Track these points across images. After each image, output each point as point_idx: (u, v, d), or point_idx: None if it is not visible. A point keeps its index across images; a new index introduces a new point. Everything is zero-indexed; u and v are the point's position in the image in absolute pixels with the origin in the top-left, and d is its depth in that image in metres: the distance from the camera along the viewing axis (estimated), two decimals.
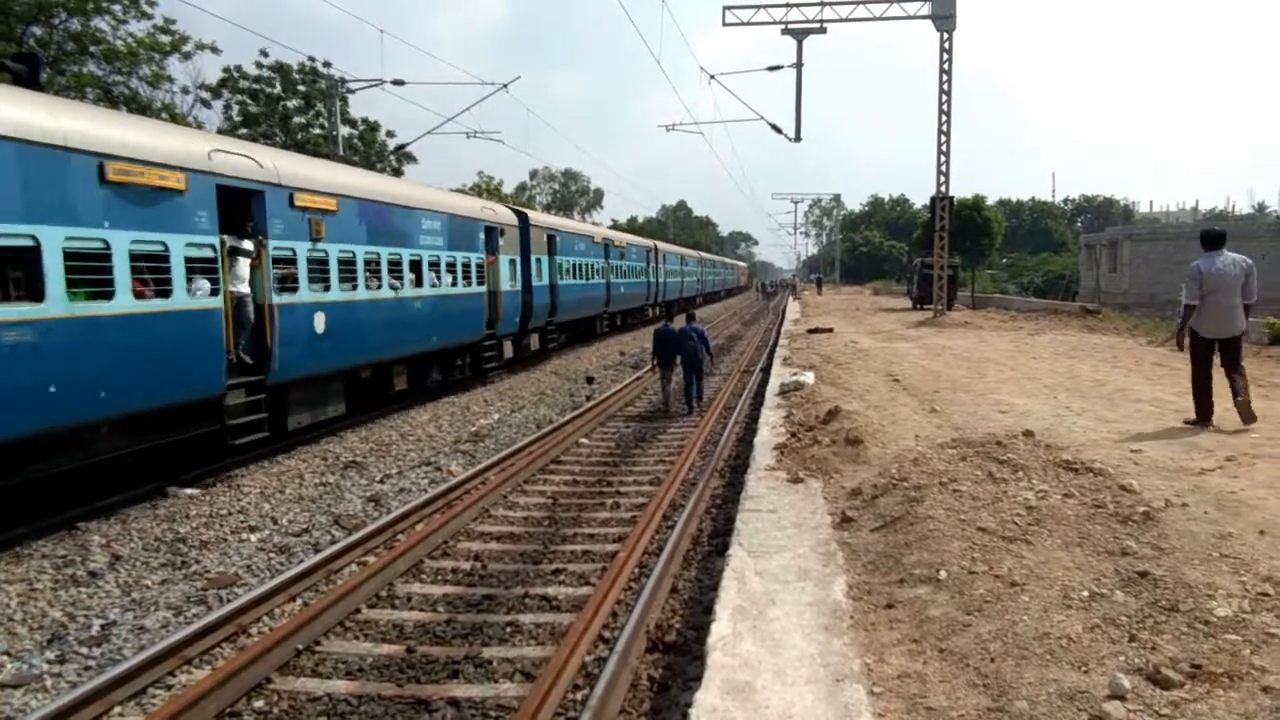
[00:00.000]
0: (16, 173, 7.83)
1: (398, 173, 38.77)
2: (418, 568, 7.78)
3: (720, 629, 4.65)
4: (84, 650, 6.15)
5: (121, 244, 8.98)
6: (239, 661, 5.55)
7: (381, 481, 10.96)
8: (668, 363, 16.20)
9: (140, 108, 28.37)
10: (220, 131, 32.14)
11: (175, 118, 30.27)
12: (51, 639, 6.34)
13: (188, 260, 9.97)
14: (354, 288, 13.74)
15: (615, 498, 10.02)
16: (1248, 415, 8.99)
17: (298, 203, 12.20)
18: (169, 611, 6.82)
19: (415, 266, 16.10)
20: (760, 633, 4.59)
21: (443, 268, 17.28)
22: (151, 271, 9.52)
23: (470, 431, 14.18)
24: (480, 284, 19.18)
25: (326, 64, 37.04)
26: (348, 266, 13.56)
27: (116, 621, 6.62)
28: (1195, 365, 9.33)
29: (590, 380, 20.66)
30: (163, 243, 9.58)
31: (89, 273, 8.63)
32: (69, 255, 8.32)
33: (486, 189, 59.15)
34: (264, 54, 37.28)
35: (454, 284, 17.79)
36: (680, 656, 5.87)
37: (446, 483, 10.43)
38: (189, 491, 10.29)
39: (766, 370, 19.01)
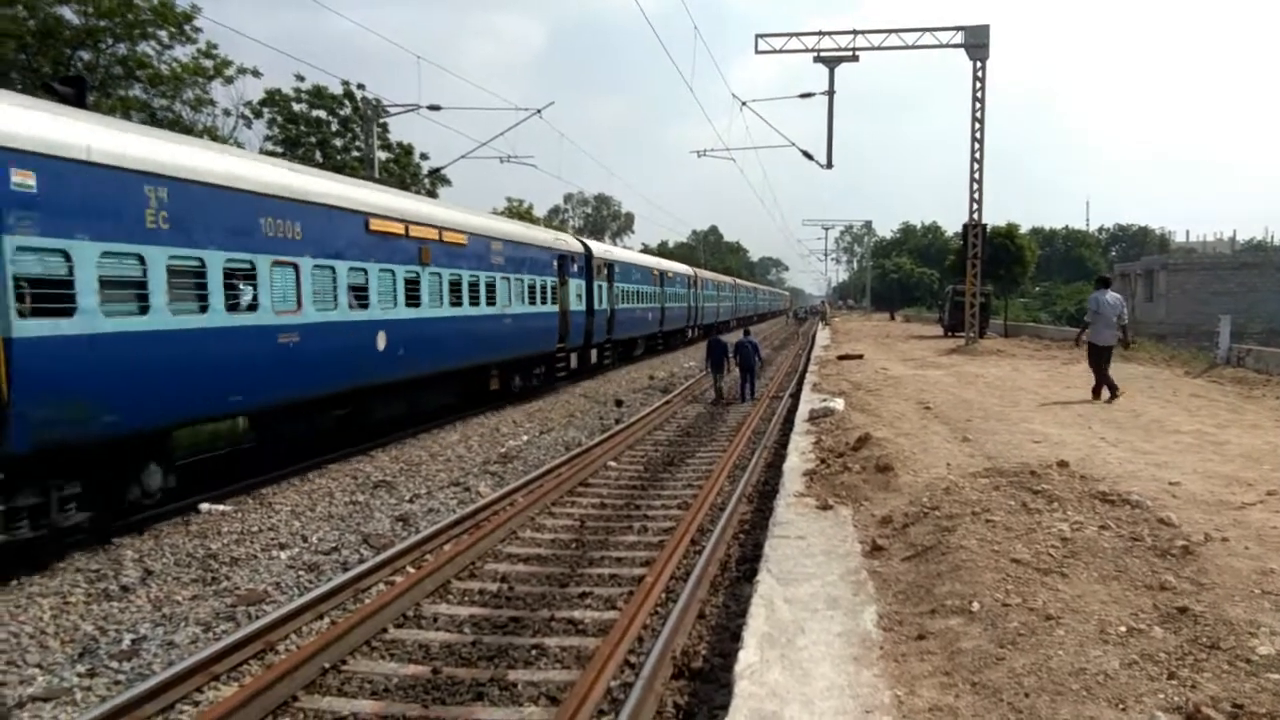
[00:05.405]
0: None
1: (432, 195, 39.18)
2: (445, 588, 7.79)
3: (748, 657, 4.59)
4: (114, 664, 6.21)
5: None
6: (266, 679, 5.58)
7: (410, 501, 11.01)
8: (718, 365, 21.44)
9: (184, 130, 28.99)
10: (262, 152, 32.71)
11: (216, 139, 30.87)
12: (83, 652, 6.41)
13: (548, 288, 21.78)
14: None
15: (643, 521, 9.98)
16: (1097, 395, 14.06)
17: None
18: (198, 627, 6.87)
19: None
20: (789, 661, 4.53)
21: None
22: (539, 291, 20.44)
23: (499, 453, 14.22)
24: None
25: (360, 86, 37.66)
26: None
27: (147, 636, 6.68)
28: (1091, 362, 14.43)
29: (619, 403, 20.71)
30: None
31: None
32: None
33: (516, 213, 59.61)
34: (300, 78, 37.95)
35: None
36: (707, 684, 5.81)
37: (475, 503, 10.45)
38: (221, 508, 10.40)
39: (796, 396, 18.90)
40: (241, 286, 10.78)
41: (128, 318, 8.87)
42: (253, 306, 10.89)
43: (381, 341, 13.85)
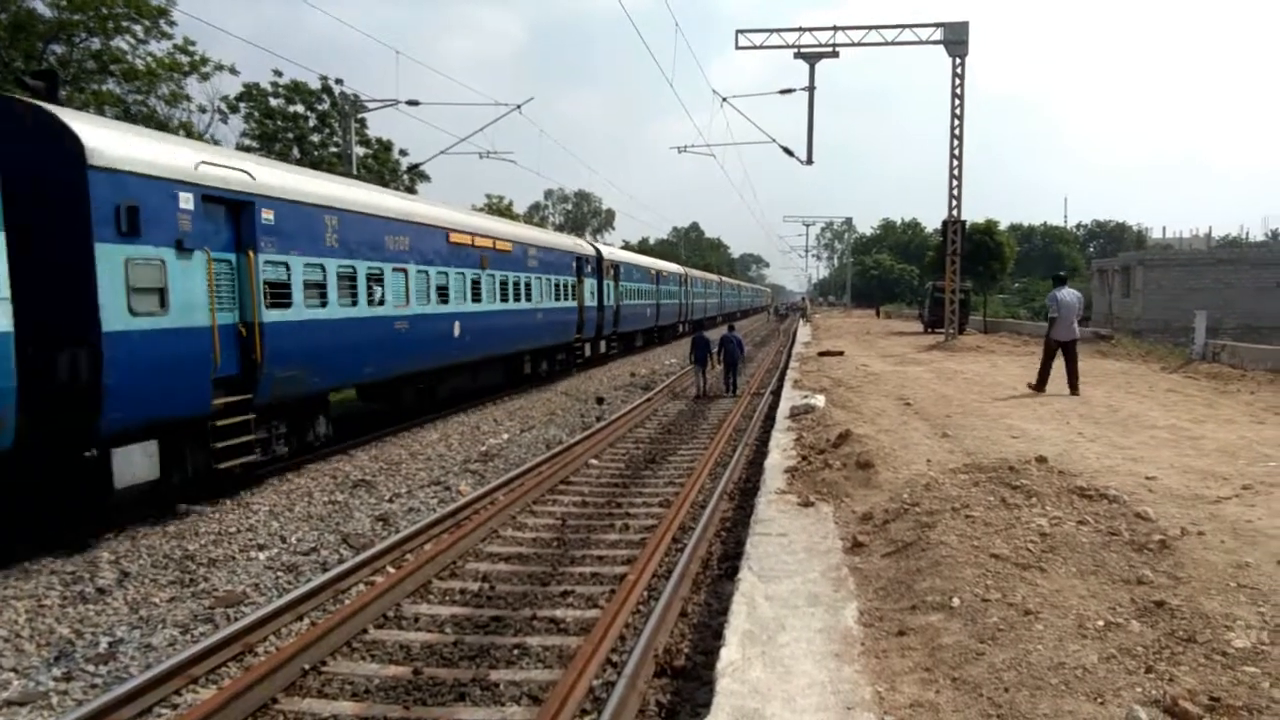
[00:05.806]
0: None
1: (411, 190, 38.91)
2: (426, 588, 7.74)
3: (730, 654, 4.60)
4: (91, 668, 6.14)
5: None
6: (245, 681, 5.53)
7: (390, 500, 10.94)
8: (702, 360, 21.54)
9: (158, 125, 28.65)
10: (237, 147, 32.38)
11: (191, 134, 30.54)
12: (59, 656, 6.33)
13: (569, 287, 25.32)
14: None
15: (624, 519, 9.97)
16: (1075, 390, 14.10)
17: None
18: (176, 629, 6.80)
19: None
20: (770, 659, 4.53)
21: None
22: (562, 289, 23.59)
23: (480, 451, 14.17)
24: None
25: (338, 81, 37.37)
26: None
27: (124, 639, 6.60)
28: (1045, 355, 14.74)
29: (600, 401, 20.71)
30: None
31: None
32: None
33: (496, 209, 59.35)
34: (278, 74, 37.60)
35: None
36: (689, 682, 5.81)
37: (455, 502, 10.41)
38: (199, 508, 10.29)
39: (777, 393, 18.95)
40: (374, 286, 14.15)
41: (316, 309, 12.40)
42: (381, 301, 14.33)
43: (456, 330, 17.48)
